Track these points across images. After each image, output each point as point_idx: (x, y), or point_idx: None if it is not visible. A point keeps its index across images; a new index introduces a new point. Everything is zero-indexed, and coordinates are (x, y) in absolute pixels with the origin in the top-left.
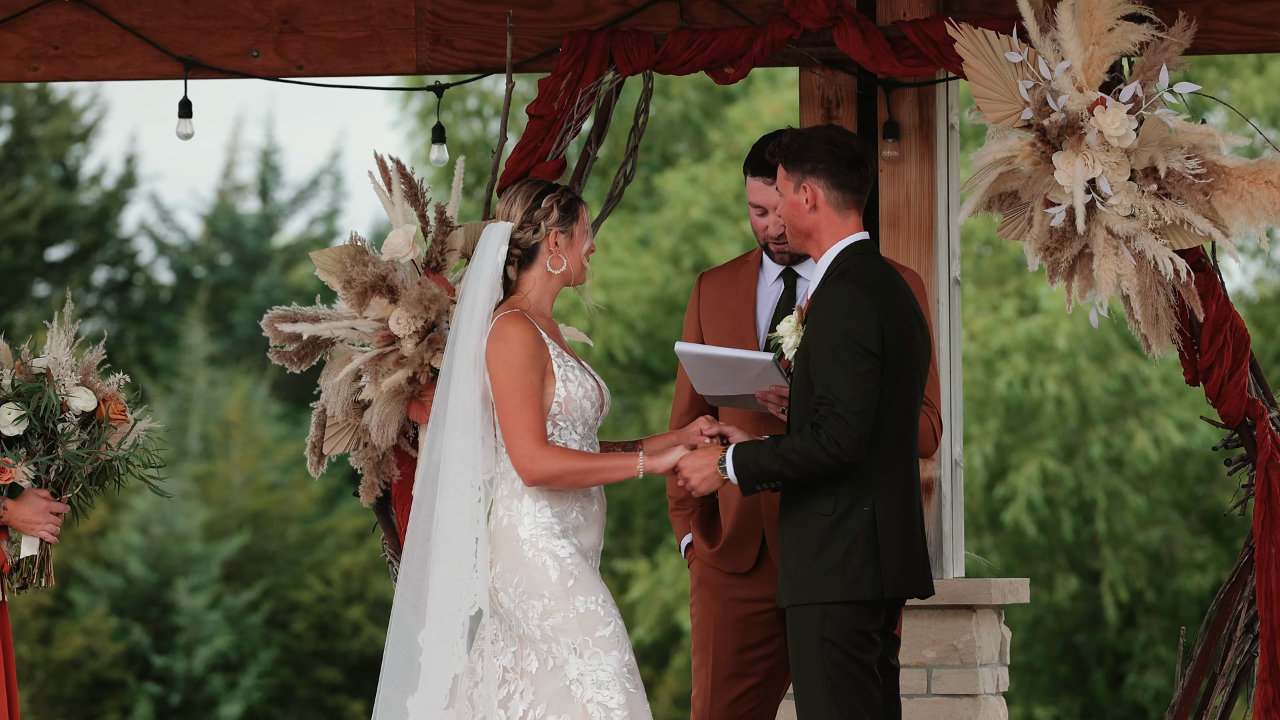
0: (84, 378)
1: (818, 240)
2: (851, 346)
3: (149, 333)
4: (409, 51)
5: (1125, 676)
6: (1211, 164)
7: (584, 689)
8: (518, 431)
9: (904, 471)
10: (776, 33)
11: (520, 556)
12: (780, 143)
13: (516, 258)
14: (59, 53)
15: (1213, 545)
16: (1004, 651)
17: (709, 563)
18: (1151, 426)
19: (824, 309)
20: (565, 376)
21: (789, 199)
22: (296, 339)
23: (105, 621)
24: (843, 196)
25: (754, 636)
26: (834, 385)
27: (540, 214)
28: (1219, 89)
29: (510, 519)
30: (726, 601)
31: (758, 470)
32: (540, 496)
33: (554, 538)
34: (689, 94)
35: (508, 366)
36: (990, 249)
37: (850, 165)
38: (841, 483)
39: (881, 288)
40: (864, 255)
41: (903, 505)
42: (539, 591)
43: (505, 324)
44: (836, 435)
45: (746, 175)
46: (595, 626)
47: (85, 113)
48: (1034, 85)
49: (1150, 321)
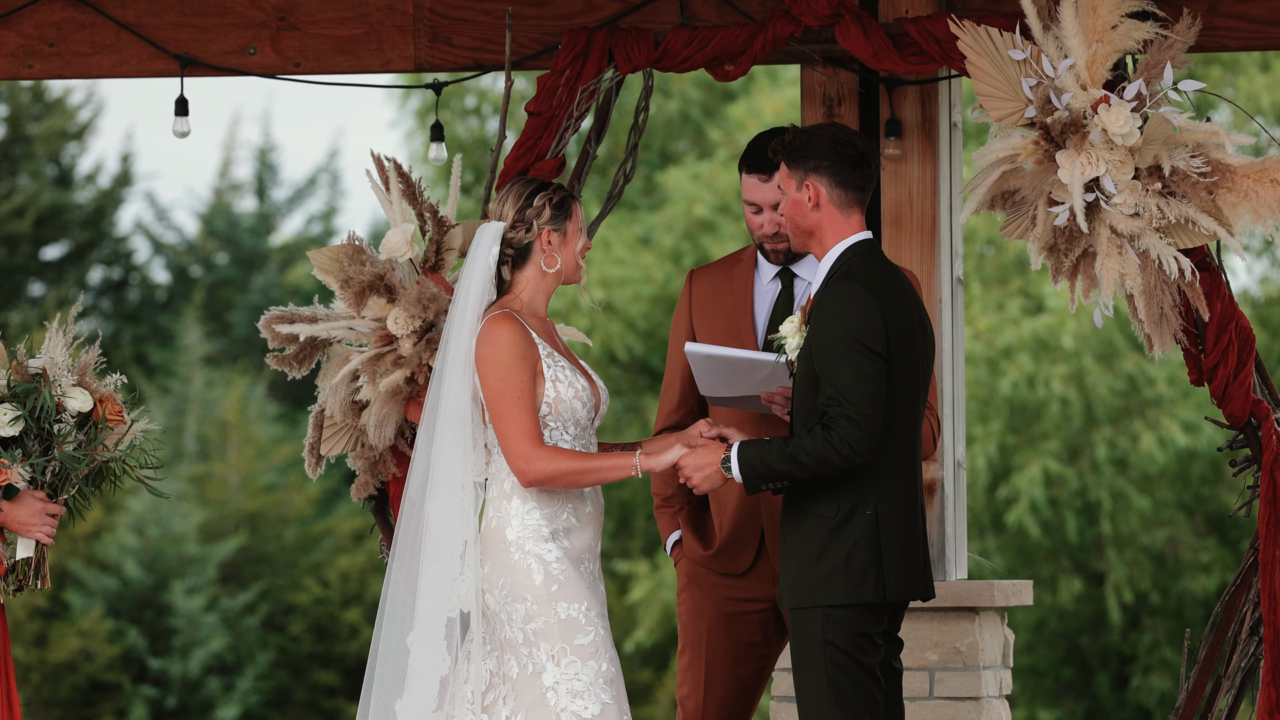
0: (80, 378)
1: (820, 239)
2: (857, 347)
3: (145, 333)
4: (407, 49)
5: (1130, 679)
6: (1216, 162)
7: (559, 697)
8: (510, 433)
9: (907, 474)
10: (778, 30)
11: (507, 558)
12: (783, 140)
13: (510, 257)
14: (54, 50)
15: (1218, 547)
16: (1007, 654)
17: (702, 563)
18: (1157, 427)
19: (828, 309)
20: (555, 377)
21: (791, 197)
22: (294, 340)
23: (101, 624)
24: (846, 195)
25: (746, 635)
26: (842, 386)
27: (532, 213)
28: (1224, 87)
29: (499, 520)
30: (719, 600)
31: (765, 470)
32: (529, 498)
33: (541, 541)
34: (689, 92)
35: (495, 368)
36: (993, 248)
37: (853, 163)
38: (844, 485)
39: (885, 288)
40: (867, 255)
41: (905, 508)
42: (522, 595)
43: (493, 325)
44: (849, 436)
45: (742, 172)
46: (575, 634)
47: (80, 110)
48: (1037, 83)
49: (1154, 321)
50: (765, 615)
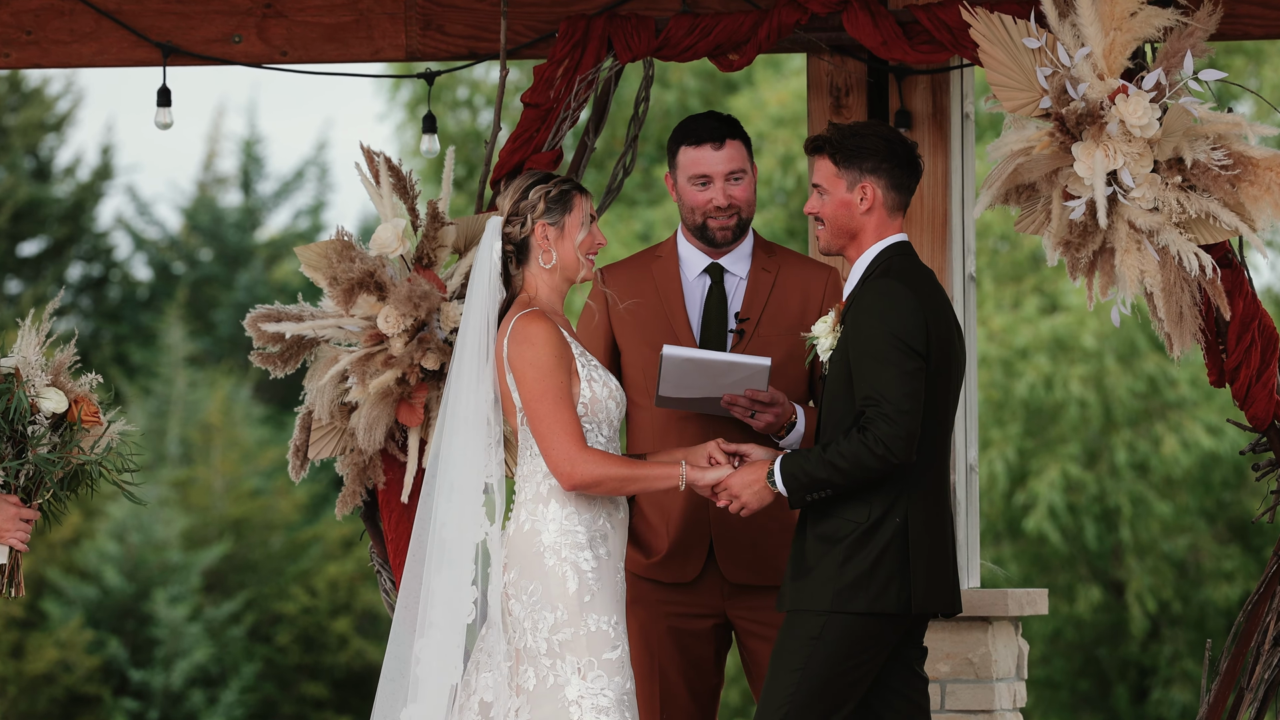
0: (55, 378)
1: (860, 241)
2: (898, 345)
3: (126, 332)
4: (398, 37)
5: (1150, 692)
6: (1238, 155)
7: (583, 713)
8: (555, 434)
9: (938, 482)
10: (783, 17)
11: (540, 564)
12: (829, 139)
13: (511, 254)
14: (32, 38)
15: (1241, 554)
16: (1022, 665)
17: (644, 574)
18: (1179, 430)
19: (868, 307)
20: (590, 376)
21: (838, 197)
22: (280, 339)
23: (80, 634)
24: (899, 199)
25: (699, 650)
26: (880, 385)
27: (526, 206)
28: (1246, 76)
29: (533, 524)
30: (666, 615)
31: (807, 480)
32: (568, 502)
33: (579, 549)
34: (687, 82)
35: (536, 368)
36: (1007, 244)
37: (908, 166)
38: (879, 489)
39: (925, 288)
40: (906, 256)
41: (936, 517)
42: (554, 603)
43: (528, 323)
44: (884, 436)
45: (680, 147)
46: (603, 648)
47: (59, 101)
48: (1053, 72)
49: (1174, 320)
50: (717, 630)
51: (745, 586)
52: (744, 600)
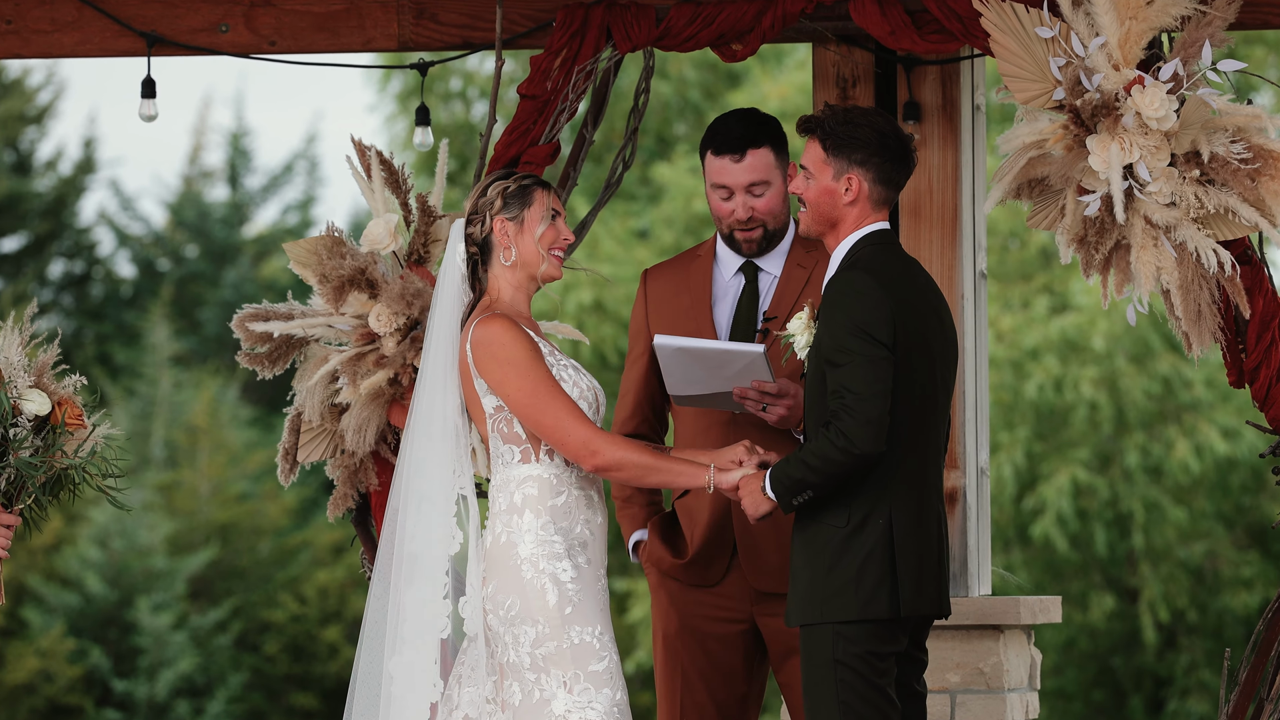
0: (38, 379)
1: (838, 231)
2: (859, 334)
3: (109, 330)
4: (390, 26)
5: (1165, 703)
6: (1258, 148)
7: None
8: (562, 422)
9: (923, 480)
10: (788, 5)
11: (518, 577)
12: (822, 122)
13: (474, 255)
14: (11, 27)
15: (1260, 561)
16: (1034, 675)
17: (671, 573)
18: (1193, 433)
19: (832, 302)
20: (560, 376)
21: (823, 184)
22: (268, 339)
23: (62, 643)
24: (886, 193)
25: (726, 658)
26: (843, 377)
27: (485, 203)
28: (1267, 67)
29: (509, 535)
30: (689, 616)
31: (790, 483)
32: (543, 512)
33: (556, 559)
34: (687, 73)
35: (514, 366)
36: (1016, 241)
37: (899, 161)
38: (856, 491)
39: (897, 278)
40: (880, 245)
41: (921, 516)
42: (534, 617)
43: (487, 327)
44: (845, 428)
45: (706, 154)
46: (589, 660)
47: (40, 92)
48: (1066, 63)
49: (1192, 319)
50: (745, 636)
51: (771, 594)
52: (770, 607)
